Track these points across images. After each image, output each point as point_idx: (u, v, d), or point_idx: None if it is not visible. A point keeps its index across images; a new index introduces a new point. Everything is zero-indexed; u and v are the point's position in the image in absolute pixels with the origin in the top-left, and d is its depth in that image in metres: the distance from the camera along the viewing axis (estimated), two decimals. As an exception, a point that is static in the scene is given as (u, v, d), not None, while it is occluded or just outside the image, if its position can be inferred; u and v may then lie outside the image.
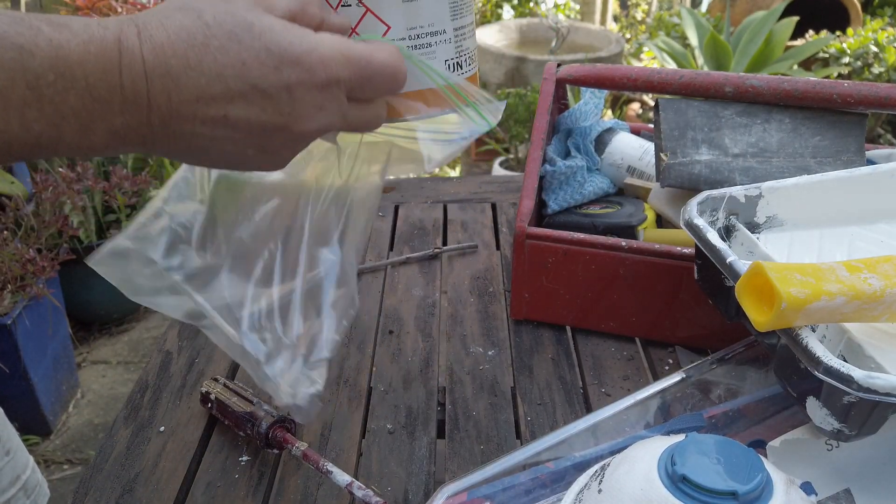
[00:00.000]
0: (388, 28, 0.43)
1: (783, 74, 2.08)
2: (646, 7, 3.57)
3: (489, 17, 3.39)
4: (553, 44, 2.92)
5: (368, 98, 0.39)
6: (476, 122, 0.45)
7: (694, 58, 2.44)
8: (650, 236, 0.65)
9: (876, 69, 2.19)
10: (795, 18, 2.33)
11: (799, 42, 2.46)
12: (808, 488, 0.41)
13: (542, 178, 0.68)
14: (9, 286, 1.34)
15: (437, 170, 0.49)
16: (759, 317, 0.37)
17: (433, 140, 0.46)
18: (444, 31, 0.45)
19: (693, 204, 0.48)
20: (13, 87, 0.29)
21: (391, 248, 0.80)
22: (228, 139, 0.35)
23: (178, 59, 0.32)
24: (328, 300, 0.46)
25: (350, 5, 0.43)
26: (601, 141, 0.73)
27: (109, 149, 0.33)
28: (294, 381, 0.45)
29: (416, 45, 0.44)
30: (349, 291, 0.46)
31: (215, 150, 0.35)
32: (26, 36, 0.29)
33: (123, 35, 0.32)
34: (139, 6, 2.08)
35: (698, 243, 0.46)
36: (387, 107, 0.43)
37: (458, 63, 0.46)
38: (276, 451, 0.50)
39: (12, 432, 0.69)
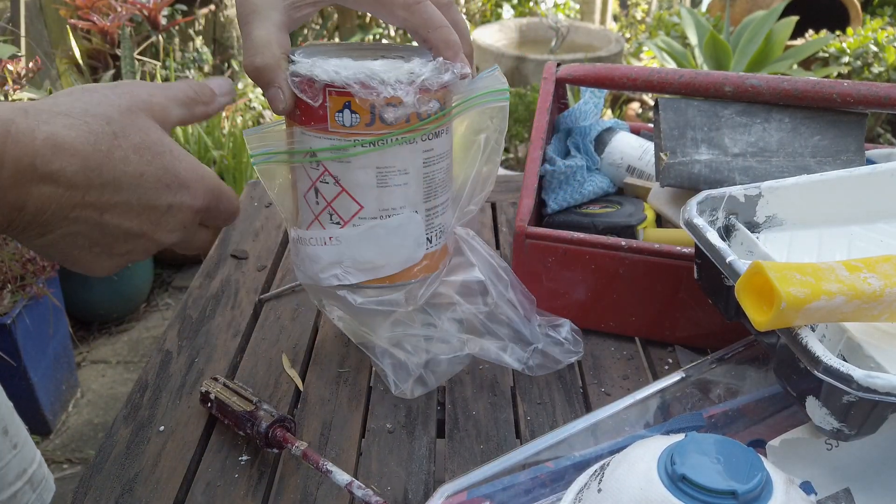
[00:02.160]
0: (361, 207, 0.48)
1: (783, 74, 2.08)
2: (645, 6, 3.57)
3: (489, 16, 3.39)
4: (553, 43, 2.92)
5: (209, 225, 0.43)
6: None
7: (694, 57, 2.44)
8: (650, 236, 0.65)
9: (876, 69, 2.19)
10: (795, 18, 2.33)
11: (799, 42, 2.46)
12: (807, 488, 0.41)
13: (541, 177, 0.68)
14: (9, 286, 1.34)
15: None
16: (759, 316, 0.37)
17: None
18: (416, 213, 0.49)
19: (693, 203, 0.48)
20: None
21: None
22: (86, 238, 0.36)
23: (80, 160, 0.33)
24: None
25: (328, 183, 0.47)
26: (601, 140, 0.73)
27: None
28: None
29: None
30: None
31: (65, 244, 0.36)
32: None
33: (14, 127, 0.32)
34: (139, 5, 2.08)
35: (698, 243, 0.46)
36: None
37: (428, 238, 0.50)
38: (275, 450, 0.50)
39: (20, 426, 0.70)
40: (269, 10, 0.43)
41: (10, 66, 1.50)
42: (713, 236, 0.45)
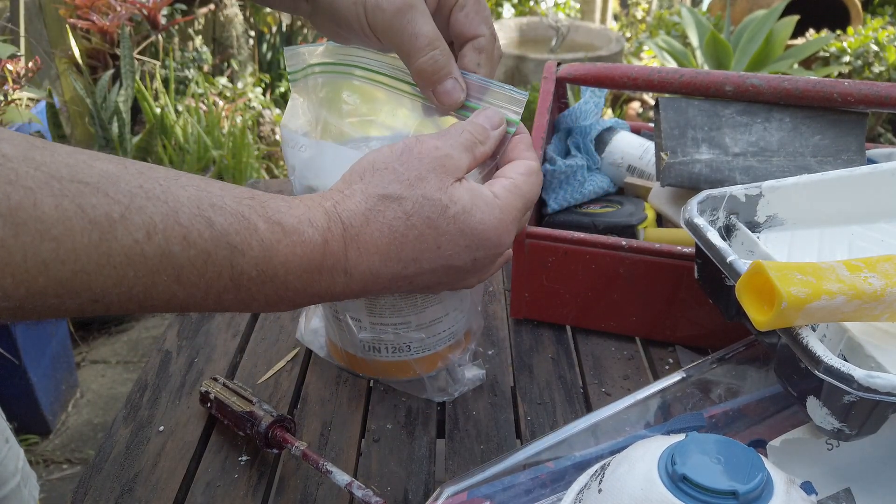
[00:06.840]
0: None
1: (783, 73, 2.08)
2: (646, 6, 3.57)
3: (489, 15, 3.38)
4: (553, 42, 2.92)
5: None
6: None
7: (694, 57, 2.44)
8: (650, 235, 0.64)
9: (876, 68, 2.19)
10: (796, 17, 2.33)
11: (799, 41, 2.46)
12: (808, 488, 0.41)
13: (541, 177, 0.68)
14: (8, 285, 1.34)
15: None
16: (760, 316, 0.37)
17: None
18: (360, 320, 0.51)
19: (693, 203, 0.48)
20: (219, 279, 0.32)
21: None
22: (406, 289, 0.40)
23: (380, 256, 0.36)
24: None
25: None
26: (601, 140, 0.73)
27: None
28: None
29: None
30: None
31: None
32: (242, 235, 0.32)
33: (330, 236, 0.35)
34: (139, 5, 2.08)
35: (698, 242, 0.46)
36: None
37: (374, 347, 0.53)
38: (275, 450, 0.50)
39: (4, 422, 0.70)
40: (422, 2, 0.40)
41: (9, 66, 1.50)
42: (714, 236, 0.45)
